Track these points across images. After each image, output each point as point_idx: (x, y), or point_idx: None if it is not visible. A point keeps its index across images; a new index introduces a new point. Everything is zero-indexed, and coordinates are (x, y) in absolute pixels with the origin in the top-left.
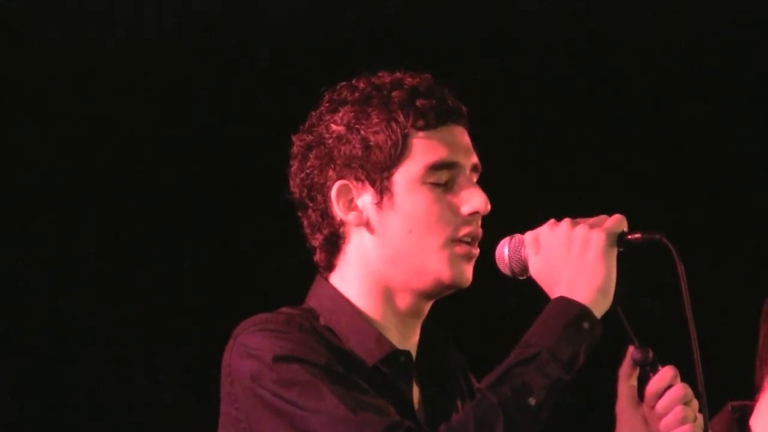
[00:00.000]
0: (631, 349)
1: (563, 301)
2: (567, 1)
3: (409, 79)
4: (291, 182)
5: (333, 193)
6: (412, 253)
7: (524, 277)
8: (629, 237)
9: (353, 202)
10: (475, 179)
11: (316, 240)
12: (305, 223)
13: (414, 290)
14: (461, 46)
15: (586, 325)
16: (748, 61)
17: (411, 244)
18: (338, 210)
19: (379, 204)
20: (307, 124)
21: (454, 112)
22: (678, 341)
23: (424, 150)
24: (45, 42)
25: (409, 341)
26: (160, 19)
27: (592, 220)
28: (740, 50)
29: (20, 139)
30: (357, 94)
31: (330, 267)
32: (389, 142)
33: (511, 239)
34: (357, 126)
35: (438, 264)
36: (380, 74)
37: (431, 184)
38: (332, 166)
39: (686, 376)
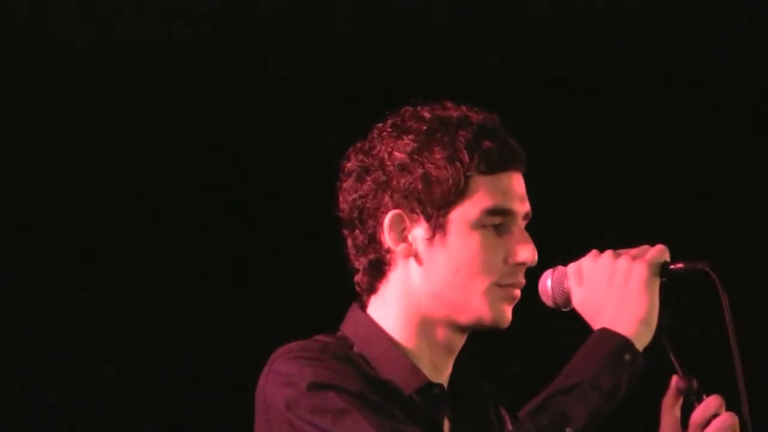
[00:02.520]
0: (675, 378)
1: (605, 332)
2: None
3: (476, 117)
4: (341, 199)
5: (386, 221)
6: (457, 292)
7: (567, 309)
8: (672, 267)
9: (405, 233)
10: (524, 226)
11: (360, 263)
12: (350, 243)
13: (453, 324)
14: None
15: (627, 356)
16: None
17: (456, 283)
18: (388, 239)
19: (430, 240)
20: (366, 144)
21: (516, 159)
22: (723, 371)
23: (483, 193)
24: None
25: (441, 374)
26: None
27: (634, 251)
28: None
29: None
30: (423, 126)
31: (371, 290)
32: (450, 181)
33: (554, 271)
34: (420, 158)
35: (480, 305)
36: (447, 105)
37: (484, 227)
38: (389, 193)
39: (731, 406)
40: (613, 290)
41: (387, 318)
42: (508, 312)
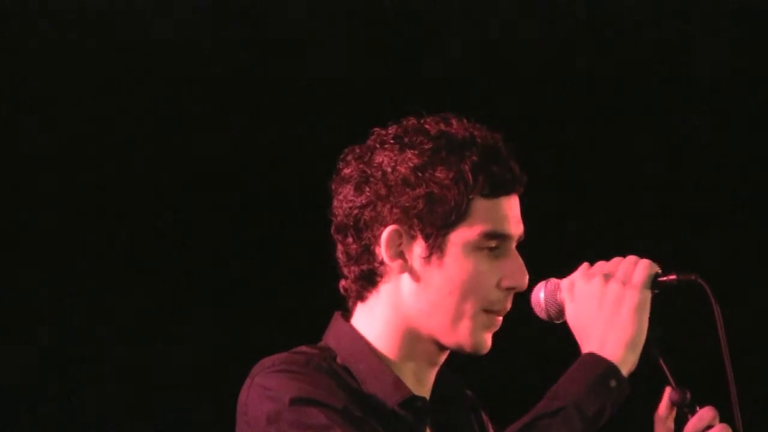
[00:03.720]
0: (668, 390)
1: (592, 357)
2: None
3: (483, 138)
4: (336, 204)
5: (384, 236)
6: (445, 314)
7: (560, 321)
8: (663, 279)
9: (401, 249)
10: (515, 247)
11: (351, 271)
12: (341, 249)
13: (437, 343)
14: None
15: (612, 383)
16: None
17: (446, 305)
18: (384, 253)
19: (426, 259)
20: (366, 151)
21: (517, 182)
22: (715, 382)
23: (482, 216)
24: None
25: (424, 386)
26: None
27: (623, 265)
28: None
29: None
30: (428, 143)
31: (359, 298)
32: (453, 202)
33: (546, 283)
34: (424, 176)
35: (464, 331)
36: (451, 120)
37: (481, 250)
38: (388, 207)
39: (725, 418)
40: (602, 313)
41: (372, 329)
42: (488, 340)
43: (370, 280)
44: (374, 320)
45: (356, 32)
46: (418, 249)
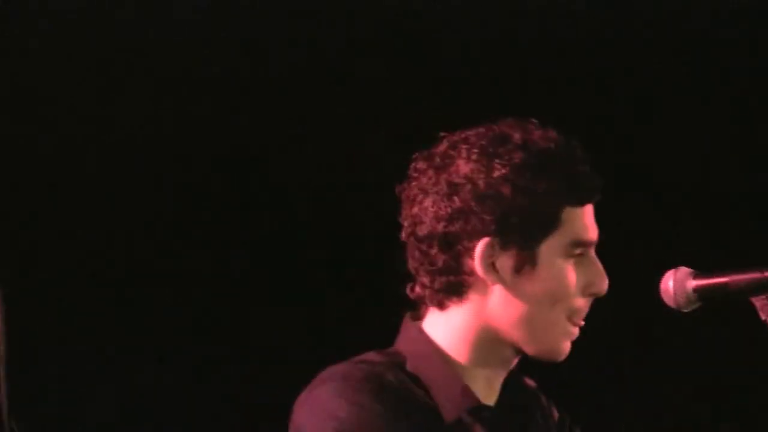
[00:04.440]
0: None
1: None
2: None
3: (565, 146)
4: (417, 213)
5: (478, 249)
6: (535, 322)
7: (689, 309)
8: None
9: (493, 260)
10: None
11: (437, 282)
12: (420, 257)
13: (518, 350)
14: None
15: None
16: None
17: (537, 314)
18: (478, 266)
19: (518, 270)
20: (447, 162)
21: (598, 191)
22: None
23: (571, 225)
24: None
25: (494, 392)
26: None
27: None
28: None
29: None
30: (516, 152)
31: (439, 306)
32: (546, 214)
33: (676, 272)
34: (517, 187)
35: (549, 339)
36: (529, 128)
37: (570, 257)
38: (480, 218)
39: None
40: None
41: (447, 335)
42: (567, 347)
43: (456, 290)
44: (452, 328)
45: (356, 32)
46: (510, 261)
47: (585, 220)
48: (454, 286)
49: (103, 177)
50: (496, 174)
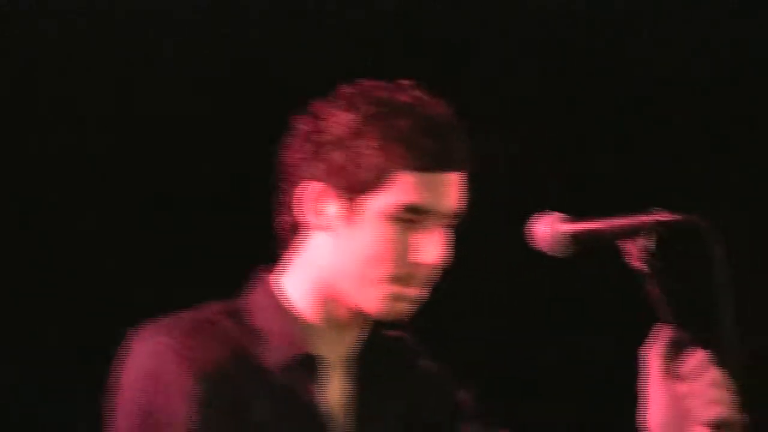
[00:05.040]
0: (663, 327)
1: None
2: None
3: (425, 109)
4: (282, 152)
5: (309, 191)
6: (354, 276)
7: (561, 254)
8: (663, 220)
9: (323, 206)
10: (448, 224)
11: (279, 225)
12: (276, 199)
13: (350, 307)
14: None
15: None
16: None
17: (356, 268)
18: (307, 208)
19: (344, 219)
20: (323, 107)
21: (454, 161)
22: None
23: (407, 188)
24: None
25: (344, 347)
26: None
27: None
28: None
29: None
30: (368, 106)
31: (284, 249)
32: (378, 169)
33: (545, 216)
34: (356, 139)
35: (368, 296)
36: (404, 86)
37: (399, 221)
38: (319, 164)
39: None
40: None
41: (292, 286)
42: (399, 309)
43: (293, 233)
44: (295, 278)
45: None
46: (338, 208)
47: (429, 188)
48: (292, 229)
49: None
50: (345, 123)
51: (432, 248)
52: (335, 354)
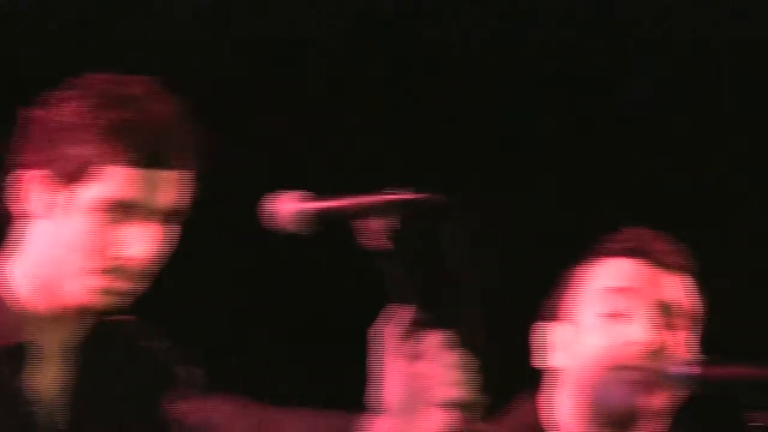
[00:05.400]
0: (399, 307)
1: None
2: None
3: (148, 103)
4: (10, 143)
5: (30, 177)
6: (65, 268)
7: (304, 232)
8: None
9: (42, 194)
10: (165, 219)
11: (8, 209)
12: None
13: (63, 296)
14: None
15: None
16: None
17: (67, 259)
18: (29, 195)
19: (61, 208)
20: (41, 100)
21: (171, 160)
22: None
23: (116, 183)
24: None
25: (61, 335)
26: None
27: None
28: None
29: None
30: (92, 99)
31: (12, 235)
32: (90, 161)
33: (283, 194)
34: (69, 130)
35: (76, 287)
36: (132, 79)
37: (108, 213)
38: (35, 153)
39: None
40: None
41: (15, 274)
42: (105, 300)
43: (18, 219)
44: (18, 265)
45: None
46: (53, 197)
47: (138, 183)
48: (16, 218)
49: None
50: (65, 114)
51: (141, 243)
52: (53, 342)
